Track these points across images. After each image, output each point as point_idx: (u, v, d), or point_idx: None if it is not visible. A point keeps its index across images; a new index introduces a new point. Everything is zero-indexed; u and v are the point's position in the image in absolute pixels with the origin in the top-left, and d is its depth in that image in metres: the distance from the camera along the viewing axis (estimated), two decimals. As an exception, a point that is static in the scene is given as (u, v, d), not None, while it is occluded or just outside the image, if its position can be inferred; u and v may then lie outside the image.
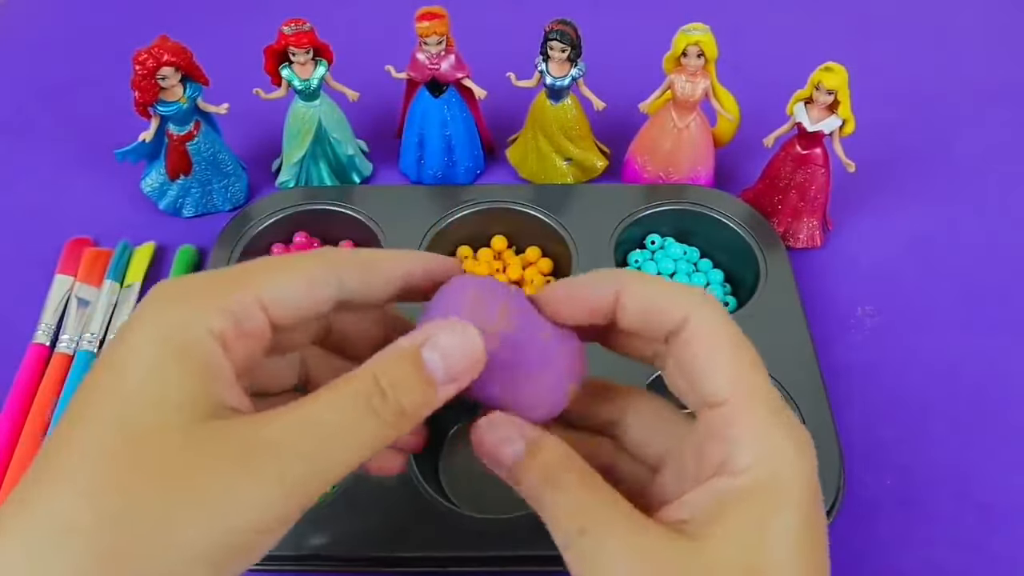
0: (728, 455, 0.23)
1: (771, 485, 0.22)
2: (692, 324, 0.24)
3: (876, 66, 0.68)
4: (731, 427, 0.23)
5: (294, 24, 0.53)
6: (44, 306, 0.52)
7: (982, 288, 0.55)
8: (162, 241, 0.57)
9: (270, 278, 0.23)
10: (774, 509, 0.22)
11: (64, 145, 0.64)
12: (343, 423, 0.22)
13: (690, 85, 0.54)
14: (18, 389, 0.48)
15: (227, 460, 0.20)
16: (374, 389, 0.22)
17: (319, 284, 0.24)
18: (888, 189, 0.61)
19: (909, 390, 0.50)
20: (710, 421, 0.24)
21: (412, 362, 0.23)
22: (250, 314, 0.23)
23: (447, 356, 0.23)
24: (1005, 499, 0.45)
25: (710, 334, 0.24)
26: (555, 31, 0.52)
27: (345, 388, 0.22)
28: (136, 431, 0.20)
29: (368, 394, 0.22)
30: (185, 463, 0.20)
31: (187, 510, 0.20)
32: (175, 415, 0.20)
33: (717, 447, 0.23)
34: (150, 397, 0.21)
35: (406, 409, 0.22)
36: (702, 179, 0.58)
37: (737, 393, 0.23)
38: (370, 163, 0.62)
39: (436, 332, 0.23)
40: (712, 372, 0.24)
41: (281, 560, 0.40)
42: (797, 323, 0.48)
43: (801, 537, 0.22)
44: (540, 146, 0.58)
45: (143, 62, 0.50)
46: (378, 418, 0.22)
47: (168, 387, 0.21)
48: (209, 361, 0.21)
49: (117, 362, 0.21)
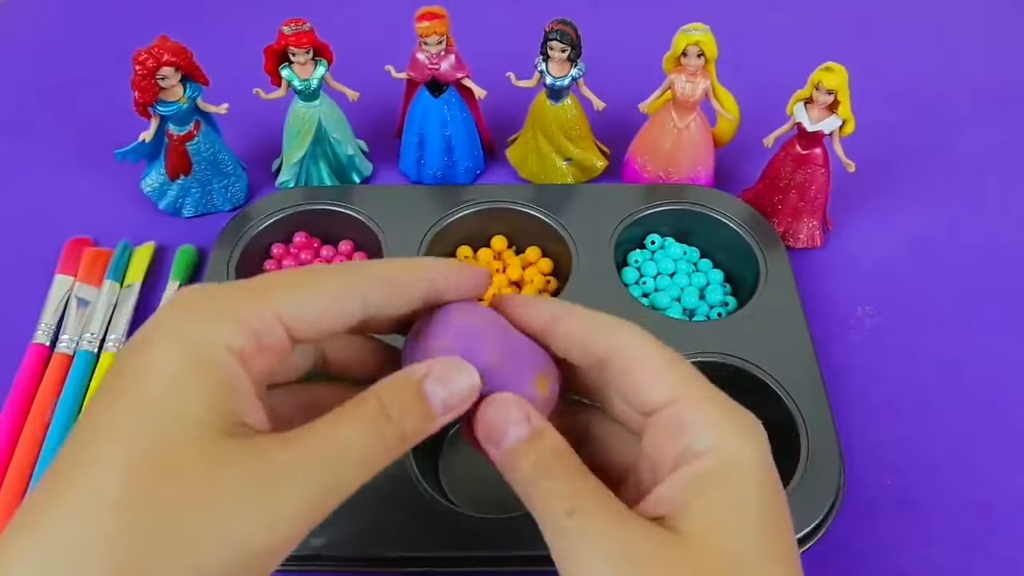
0: (687, 444, 0.24)
1: (734, 465, 0.23)
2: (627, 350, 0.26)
3: (876, 66, 0.68)
4: (686, 417, 0.24)
5: (294, 24, 0.53)
6: (44, 306, 0.52)
7: (982, 288, 0.55)
8: (162, 241, 0.57)
9: (294, 294, 0.24)
10: (741, 488, 0.23)
11: (64, 145, 0.64)
12: (354, 446, 0.23)
13: (690, 85, 0.54)
14: (18, 389, 0.48)
15: (248, 482, 0.21)
16: (381, 414, 0.23)
17: (344, 302, 0.24)
18: (888, 189, 0.61)
19: (909, 390, 0.50)
20: (663, 421, 0.25)
21: (416, 393, 0.24)
22: (270, 330, 0.23)
23: (447, 390, 0.25)
24: (1005, 499, 0.45)
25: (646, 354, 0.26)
26: (555, 31, 0.52)
27: (355, 413, 0.23)
28: (159, 443, 0.20)
29: (376, 418, 0.23)
30: (209, 480, 0.20)
31: (210, 527, 0.20)
32: (196, 430, 0.21)
33: (674, 440, 0.24)
34: (172, 410, 0.21)
35: (407, 435, 0.24)
36: (702, 179, 0.58)
37: (685, 392, 0.25)
38: (370, 163, 0.62)
39: (439, 368, 0.25)
40: (655, 381, 0.25)
41: (282, 560, 0.40)
42: (797, 323, 0.48)
43: (768, 513, 0.23)
44: (540, 146, 0.58)
45: (143, 62, 0.50)
46: (384, 442, 0.23)
47: (190, 401, 0.21)
48: (229, 376, 0.22)
49: (141, 371, 0.21)
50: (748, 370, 0.46)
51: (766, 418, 0.27)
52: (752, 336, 0.48)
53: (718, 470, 0.23)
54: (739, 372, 0.46)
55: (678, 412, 0.24)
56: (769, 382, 0.45)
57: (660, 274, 0.54)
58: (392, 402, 0.24)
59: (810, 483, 0.42)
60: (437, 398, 0.24)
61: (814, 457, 0.42)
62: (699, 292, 0.53)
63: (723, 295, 0.53)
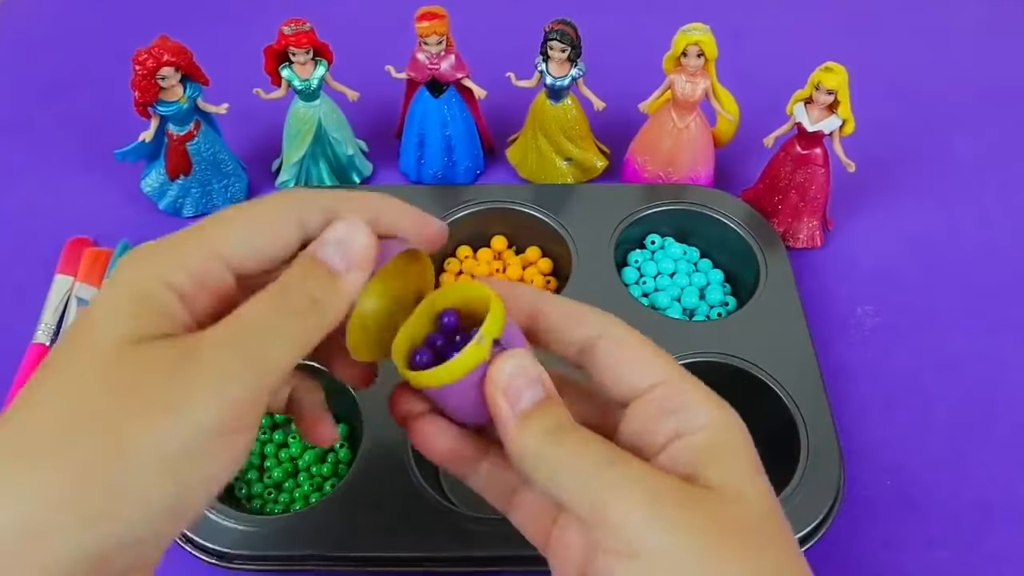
0: (685, 420, 0.25)
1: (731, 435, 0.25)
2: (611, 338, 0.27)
3: (876, 66, 0.68)
4: (676, 397, 0.26)
5: (294, 24, 0.53)
6: (44, 306, 0.52)
7: (982, 288, 0.55)
8: (162, 241, 0.57)
9: (231, 232, 0.25)
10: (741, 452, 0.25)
11: (64, 145, 0.64)
12: (264, 320, 0.23)
13: (690, 85, 0.54)
14: (18, 389, 0.48)
15: (165, 369, 0.21)
16: (281, 288, 0.24)
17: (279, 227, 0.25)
18: (888, 189, 0.61)
19: (909, 390, 0.50)
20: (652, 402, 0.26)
21: (310, 260, 0.25)
22: (210, 270, 0.24)
23: (341, 246, 0.25)
24: (1004, 499, 0.45)
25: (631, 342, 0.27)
26: (555, 31, 0.52)
27: (259, 294, 0.24)
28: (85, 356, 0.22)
29: (278, 293, 0.24)
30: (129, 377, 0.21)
31: (133, 420, 0.21)
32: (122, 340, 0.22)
33: (666, 418, 0.25)
34: (103, 330, 0.22)
35: (317, 297, 0.24)
36: (702, 179, 0.58)
37: (671, 374, 0.26)
38: (370, 163, 0.62)
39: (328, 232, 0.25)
40: (642, 365, 0.26)
41: (281, 560, 0.40)
42: (797, 323, 0.48)
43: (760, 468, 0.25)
44: (540, 146, 0.58)
45: (143, 62, 0.50)
46: (294, 311, 0.24)
47: (119, 320, 0.22)
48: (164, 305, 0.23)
49: (89, 310, 0.23)
50: (748, 370, 0.46)
51: (766, 418, 0.27)
52: (752, 336, 0.48)
53: (720, 440, 0.25)
54: (739, 372, 0.46)
55: (666, 394, 0.26)
56: (769, 382, 0.45)
57: (660, 274, 0.54)
58: (289, 275, 0.24)
59: (810, 483, 0.42)
60: (333, 256, 0.25)
61: (814, 457, 0.42)
62: (699, 292, 0.53)
63: (723, 295, 0.53)
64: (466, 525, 0.40)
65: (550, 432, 0.24)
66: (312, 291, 0.24)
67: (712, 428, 0.25)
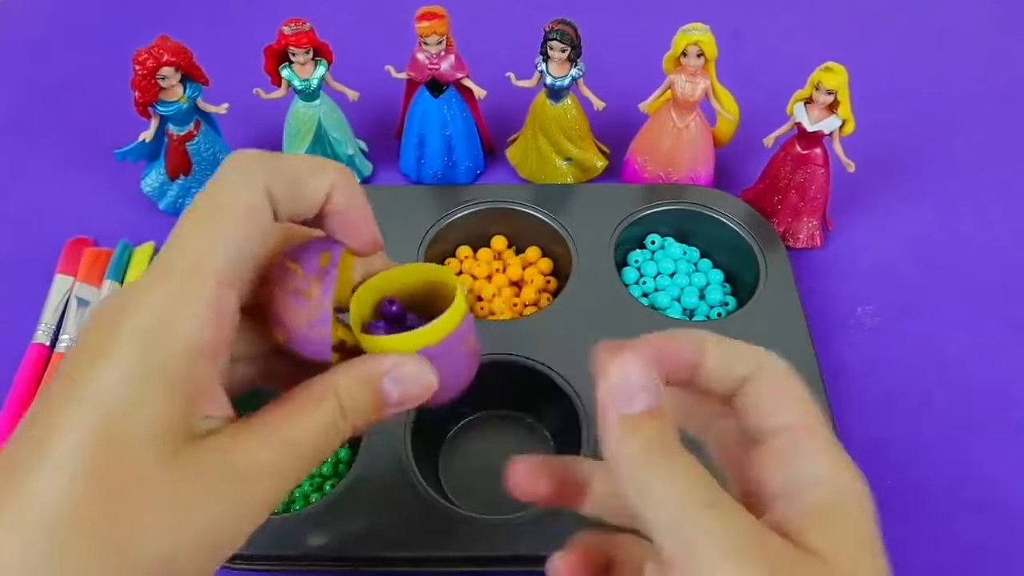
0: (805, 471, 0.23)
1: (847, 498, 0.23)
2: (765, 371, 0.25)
3: (876, 66, 0.68)
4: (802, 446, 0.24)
5: (294, 24, 0.53)
6: (44, 306, 0.52)
7: (982, 288, 0.55)
8: (162, 241, 0.56)
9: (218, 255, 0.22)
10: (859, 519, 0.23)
11: (64, 145, 0.64)
12: (311, 443, 0.23)
13: (690, 85, 0.54)
14: (18, 389, 0.48)
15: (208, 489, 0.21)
16: (339, 413, 0.24)
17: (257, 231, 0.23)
18: (888, 189, 0.61)
19: (909, 390, 0.50)
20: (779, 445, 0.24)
21: (373, 391, 0.25)
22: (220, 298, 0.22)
23: (404, 388, 0.25)
24: (1004, 499, 0.45)
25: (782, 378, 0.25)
26: (555, 31, 0.52)
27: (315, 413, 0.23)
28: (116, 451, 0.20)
29: (336, 419, 0.24)
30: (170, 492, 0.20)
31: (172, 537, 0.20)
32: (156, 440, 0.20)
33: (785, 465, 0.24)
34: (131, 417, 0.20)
35: (359, 429, 0.25)
36: (702, 179, 0.58)
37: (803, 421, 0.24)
38: (370, 163, 0.62)
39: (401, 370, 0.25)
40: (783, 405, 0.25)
41: (281, 560, 0.40)
42: (797, 323, 0.48)
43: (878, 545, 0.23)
44: (540, 146, 0.58)
45: (143, 62, 0.50)
46: (338, 438, 0.24)
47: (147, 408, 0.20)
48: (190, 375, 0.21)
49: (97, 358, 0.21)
50: (748, 370, 0.46)
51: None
52: (752, 336, 0.46)
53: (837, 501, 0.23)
54: (739, 372, 0.46)
55: (795, 439, 0.24)
56: (769, 382, 0.45)
57: (660, 274, 0.54)
58: (349, 398, 0.24)
59: (810, 483, 0.42)
60: (393, 397, 0.25)
61: (814, 457, 0.42)
62: (699, 292, 0.53)
63: (723, 295, 0.53)
64: (466, 525, 0.40)
65: (654, 448, 0.22)
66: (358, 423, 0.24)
67: (832, 486, 0.23)
